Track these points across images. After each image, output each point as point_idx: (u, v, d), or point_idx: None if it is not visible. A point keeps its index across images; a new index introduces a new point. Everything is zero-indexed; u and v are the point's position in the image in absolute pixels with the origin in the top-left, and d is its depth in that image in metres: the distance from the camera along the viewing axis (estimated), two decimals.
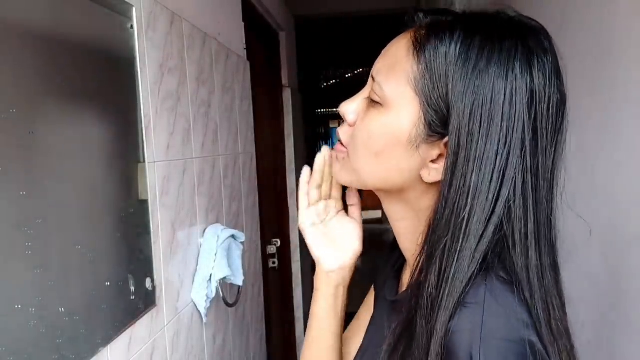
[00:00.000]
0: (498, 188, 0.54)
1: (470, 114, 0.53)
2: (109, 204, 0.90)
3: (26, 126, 0.69)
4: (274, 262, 2.68)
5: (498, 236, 0.54)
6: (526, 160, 0.54)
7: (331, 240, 0.74)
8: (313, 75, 6.95)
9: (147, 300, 1.03)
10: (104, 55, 0.91)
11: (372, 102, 0.61)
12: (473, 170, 0.53)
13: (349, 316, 0.78)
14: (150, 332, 1.05)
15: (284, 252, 2.98)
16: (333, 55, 6.50)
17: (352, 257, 0.74)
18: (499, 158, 0.53)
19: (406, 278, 0.67)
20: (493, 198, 0.54)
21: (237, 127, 1.83)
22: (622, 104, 0.90)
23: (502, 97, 0.53)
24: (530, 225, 0.55)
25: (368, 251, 0.77)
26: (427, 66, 0.55)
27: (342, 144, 0.65)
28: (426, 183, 0.59)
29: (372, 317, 0.76)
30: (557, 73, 0.56)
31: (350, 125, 0.64)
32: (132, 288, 0.96)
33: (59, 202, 0.75)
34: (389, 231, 0.78)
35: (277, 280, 2.87)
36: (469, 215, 0.54)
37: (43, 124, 0.73)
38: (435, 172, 0.58)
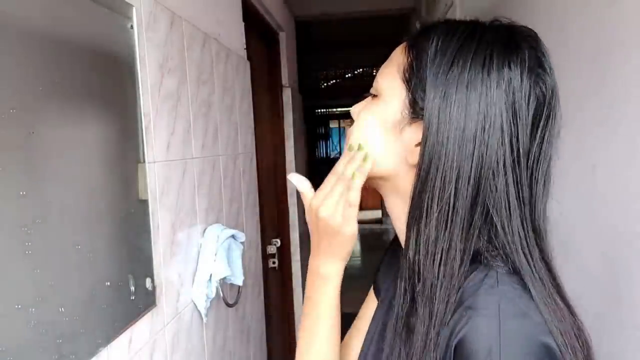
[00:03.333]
0: (479, 169, 0.56)
1: (445, 93, 0.57)
2: (109, 204, 0.90)
3: (26, 126, 0.69)
4: (274, 262, 2.68)
5: (486, 222, 0.57)
6: (505, 144, 0.56)
7: None
8: (313, 75, 6.95)
9: (147, 300, 1.03)
10: (104, 55, 0.91)
11: (373, 97, 0.67)
12: (452, 150, 0.57)
13: (346, 317, 0.77)
14: (150, 332, 1.05)
15: (284, 252, 2.98)
16: (333, 55, 6.51)
17: None
18: (478, 139, 0.56)
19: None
20: (476, 177, 0.56)
21: (237, 127, 1.83)
22: (622, 104, 0.90)
23: (479, 80, 0.57)
24: (516, 211, 0.57)
25: (369, 250, 0.76)
26: (413, 57, 0.62)
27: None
28: (411, 171, 0.62)
29: (374, 317, 0.75)
30: (537, 66, 0.59)
31: None
32: (132, 288, 0.96)
33: (59, 202, 0.75)
34: (389, 231, 0.78)
35: (277, 280, 2.87)
36: (450, 196, 0.56)
37: (43, 124, 0.73)
38: (417, 155, 0.61)
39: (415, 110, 0.61)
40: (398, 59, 0.64)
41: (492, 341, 0.50)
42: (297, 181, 0.69)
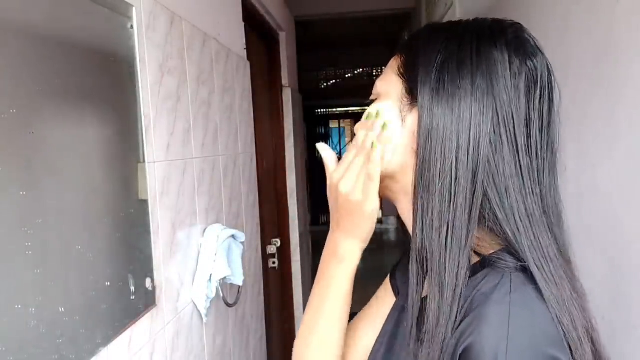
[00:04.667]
0: (476, 141, 0.57)
1: (437, 74, 0.59)
2: (109, 204, 0.90)
3: (26, 126, 0.69)
4: (274, 262, 2.68)
5: (486, 201, 0.57)
6: (500, 124, 0.57)
7: None
8: (313, 75, 6.95)
9: (147, 300, 1.03)
10: (104, 55, 0.91)
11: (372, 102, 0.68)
12: (448, 129, 0.58)
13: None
14: (150, 332, 1.05)
15: (284, 252, 2.98)
16: (333, 55, 6.51)
17: None
18: (473, 119, 0.57)
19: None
20: (473, 156, 0.57)
21: (237, 127, 1.83)
22: (622, 105, 0.90)
23: (469, 60, 0.58)
24: (517, 196, 0.57)
25: (369, 250, 0.76)
26: (405, 55, 0.65)
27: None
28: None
29: (389, 317, 0.74)
30: (524, 48, 0.60)
31: None
32: (132, 288, 0.96)
33: (59, 202, 0.75)
34: (389, 231, 0.78)
35: (277, 280, 2.87)
36: (451, 171, 0.57)
37: (43, 124, 0.73)
38: None
39: (413, 97, 0.62)
40: (392, 64, 0.67)
41: (498, 351, 0.49)
42: (322, 149, 0.70)
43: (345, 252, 0.66)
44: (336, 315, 0.68)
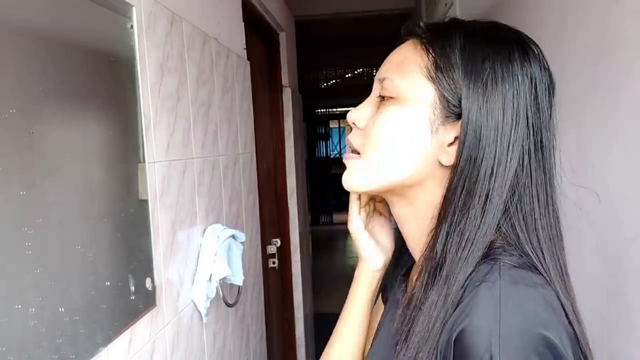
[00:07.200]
0: (511, 162, 0.57)
1: (483, 90, 0.57)
2: (109, 204, 0.90)
3: (26, 126, 0.69)
4: (274, 262, 2.68)
5: (506, 215, 0.58)
6: (530, 139, 0.58)
7: (375, 242, 0.76)
8: (313, 75, 6.95)
9: (147, 300, 1.03)
10: (104, 55, 0.91)
11: (384, 101, 0.63)
12: (492, 146, 0.57)
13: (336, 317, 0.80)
14: (150, 332, 1.05)
15: (284, 252, 2.98)
16: (333, 55, 6.51)
17: (390, 256, 0.77)
18: (512, 132, 0.57)
19: (415, 278, 0.67)
20: (509, 172, 0.57)
21: (237, 127, 1.83)
22: (622, 104, 0.90)
23: (510, 75, 0.57)
24: (538, 202, 0.59)
25: None
26: (437, 54, 0.60)
27: (352, 151, 0.68)
28: (441, 172, 0.61)
29: (382, 320, 0.75)
30: (545, 62, 0.61)
31: (362, 130, 0.66)
32: (132, 288, 0.96)
33: (59, 202, 0.75)
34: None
35: (277, 280, 2.87)
36: (488, 190, 0.57)
37: (43, 124, 0.73)
38: (453, 154, 0.60)
39: (449, 109, 0.59)
40: (414, 58, 0.61)
41: (492, 333, 0.50)
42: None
43: (356, 271, 0.77)
44: (351, 329, 0.76)
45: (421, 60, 0.60)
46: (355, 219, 0.75)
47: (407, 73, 0.61)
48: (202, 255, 1.36)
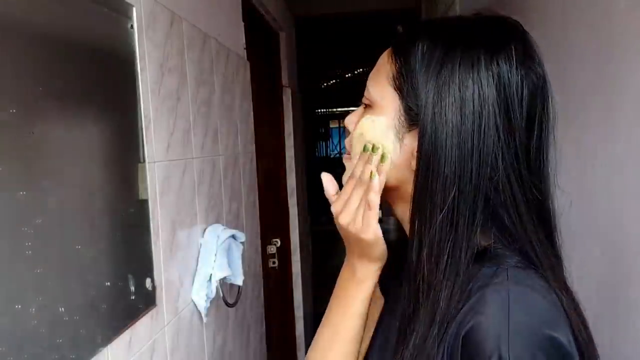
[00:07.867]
0: (481, 168, 0.56)
1: (438, 97, 0.57)
2: (109, 204, 0.90)
3: (26, 126, 0.69)
4: (274, 262, 2.68)
5: (492, 219, 0.58)
6: (502, 141, 0.56)
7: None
8: (313, 75, 6.95)
9: (147, 300, 1.03)
10: (104, 55, 0.91)
11: (365, 108, 0.66)
12: (451, 152, 0.56)
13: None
14: (150, 332, 1.05)
15: (284, 252, 2.98)
16: (333, 55, 6.50)
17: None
18: (475, 139, 0.56)
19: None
20: (479, 179, 0.56)
21: (237, 127, 1.83)
22: (623, 103, 0.90)
23: (470, 80, 0.56)
24: (520, 206, 0.57)
25: None
26: (401, 63, 0.61)
27: (348, 153, 0.69)
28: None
29: (380, 318, 0.75)
30: (526, 58, 0.59)
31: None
32: (132, 288, 0.96)
33: (59, 202, 0.75)
34: (388, 232, 0.78)
35: (277, 280, 2.87)
36: (453, 198, 0.57)
37: (43, 124, 0.73)
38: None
39: (411, 117, 0.60)
40: (385, 67, 0.63)
41: (501, 331, 0.51)
42: (325, 182, 0.69)
43: (362, 274, 0.67)
44: (353, 333, 0.70)
45: (389, 69, 0.63)
46: (378, 226, 0.70)
47: (378, 82, 0.64)
48: (202, 255, 1.36)
